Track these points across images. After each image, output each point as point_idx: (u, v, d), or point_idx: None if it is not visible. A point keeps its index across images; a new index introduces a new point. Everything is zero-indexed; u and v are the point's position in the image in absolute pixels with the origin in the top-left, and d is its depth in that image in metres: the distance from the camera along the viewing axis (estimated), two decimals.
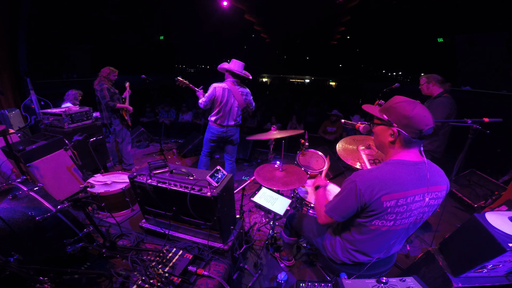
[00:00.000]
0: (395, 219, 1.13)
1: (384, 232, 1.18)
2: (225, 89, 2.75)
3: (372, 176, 1.09)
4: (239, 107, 2.85)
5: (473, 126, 1.86)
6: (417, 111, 1.04)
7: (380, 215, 1.11)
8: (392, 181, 1.06)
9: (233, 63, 2.76)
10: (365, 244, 1.26)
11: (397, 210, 1.10)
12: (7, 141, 2.05)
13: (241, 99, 2.80)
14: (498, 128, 1.96)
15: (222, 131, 2.94)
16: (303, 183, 2.00)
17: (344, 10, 9.38)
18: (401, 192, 1.07)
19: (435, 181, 1.11)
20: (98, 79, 3.37)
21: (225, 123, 2.89)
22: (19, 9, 4.71)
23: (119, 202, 2.28)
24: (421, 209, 1.13)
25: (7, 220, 1.17)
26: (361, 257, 1.32)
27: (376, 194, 1.06)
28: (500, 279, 1.40)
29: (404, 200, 1.08)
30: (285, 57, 24.66)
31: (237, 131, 3.06)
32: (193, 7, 9.51)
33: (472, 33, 6.51)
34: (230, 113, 2.85)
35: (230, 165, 3.27)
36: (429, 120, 1.03)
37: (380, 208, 1.09)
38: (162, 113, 7.06)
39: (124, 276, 1.32)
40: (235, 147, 3.19)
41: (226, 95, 2.75)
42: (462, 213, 3.01)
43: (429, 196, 1.10)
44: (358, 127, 1.64)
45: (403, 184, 1.07)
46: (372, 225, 1.17)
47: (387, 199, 1.07)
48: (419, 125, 1.03)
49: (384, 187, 1.06)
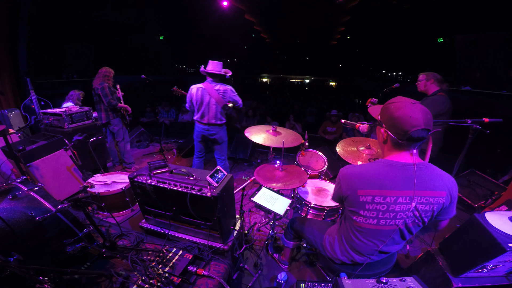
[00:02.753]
0: (377, 217, 1.14)
1: (373, 231, 1.20)
2: (199, 88, 2.86)
3: (353, 170, 1.18)
4: (217, 104, 2.90)
5: (473, 126, 1.86)
6: (402, 112, 1.02)
7: (359, 209, 1.16)
8: (370, 177, 1.11)
9: (209, 64, 2.85)
10: (359, 243, 1.27)
11: (376, 207, 1.12)
12: (7, 141, 2.06)
13: (218, 97, 2.85)
14: (498, 128, 1.96)
15: (204, 128, 3.02)
16: (303, 183, 2.00)
17: (344, 10, 9.38)
18: (377, 190, 1.09)
19: (426, 186, 1.07)
20: (98, 79, 3.37)
21: (205, 121, 2.97)
22: (19, 9, 4.71)
23: (119, 202, 2.28)
24: (409, 212, 1.10)
25: (7, 220, 1.17)
26: (357, 256, 1.32)
27: (353, 187, 1.14)
28: (500, 279, 1.41)
29: (381, 198, 1.10)
30: (285, 57, 24.67)
31: (221, 130, 3.09)
32: (193, 7, 9.51)
33: (472, 33, 6.51)
34: (209, 111, 2.92)
35: (221, 163, 3.30)
36: (415, 121, 0.99)
37: (357, 201, 1.14)
38: (162, 113, 7.07)
39: (124, 276, 1.32)
40: (223, 146, 3.21)
41: (200, 94, 2.86)
42: (462, 213, 3.00)
43: (417, 200, 1.08)
44: (358, 127, 1.64)
45: (382, 183, 1.09)
46: (357, 221, 1.20)
47: (362, 193, 1.11)
48: (404, 126, 1.02)
49: (361, 182, 1.12)
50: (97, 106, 3.46)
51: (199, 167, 3.27)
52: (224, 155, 3.28)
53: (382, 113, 1.13)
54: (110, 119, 3.50)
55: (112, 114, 3.50)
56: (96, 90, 3.34)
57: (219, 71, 2.81)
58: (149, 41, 13.02)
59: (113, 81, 3.47)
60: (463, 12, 6.51)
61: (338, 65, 22.12)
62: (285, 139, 2.21)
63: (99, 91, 3.30)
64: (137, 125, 5.40)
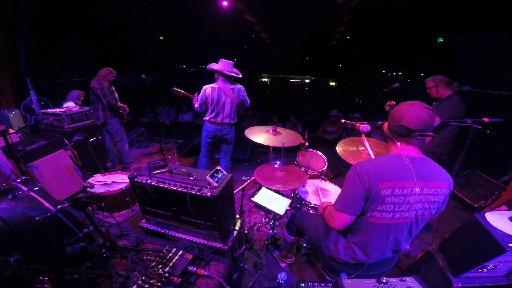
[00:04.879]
0: (393, 210, 1.15)
1: (385, 226, 1.20)
2: (214, 88, 2.82)
3: (370, 164, 1.16)
4: (233, 103, 2.89)
5: (473, 126, 1.86)
6: (401, 107, 1.14)
7: (378, 204, 1.14)
8: (388, 170, 1.12)
9: (221, 63, 2.79)
10: (366, 240, 1.27)
11: (394, 200, 1.13)
12: (7, 141, 2.06)
13: (234, 96, 2.85)
14: (498, 128, 1.96)
15: (216, 128, 2.98)
16: (303, 183, 2.00)
17: (344, 10, 9.38)
18: (397, 181, 1.10)
19: (434, 177, 1.14)
20: (97, 78, 3.37)
21: (219, 121, 2.94)
22: (19, 9, 4.71)
23: (119, 202, 2.28)
24: (421, 204, 1.15)
25: (7, 220, 1.17)
26: (361, 255, 1.32)
27: (374, 180, 1.11)
28: (500, 279, 1.40)
29: (400, 190, 1.11)
30: (285, 57, 24.67)
31: (232, 129, 3.09)
32: (193, 7, 9.51)
33: (472, 33, 6.51)
34: (224, 111, 2.90)
35: (225, 163, 3.30)
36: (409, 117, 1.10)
37: (378, 195, 1.12)
38: (162, 113, 7.06)
39: (124, 276, 1.32)
40: (230, 146, 3.21)
41: (216, 94, 2.82)
42: (462, 213, 3.01)
43: (427, 191, 1.13)
44: (358, 127, 1.64)
45: (399, 174, 1.11)
46: (372, 217, 1.19)
47: (383, 186, 1.11)
48: (401, 121, 1.12)
49: (380, 174, 1.12)
50: (94, 105, 3.45)
51: (206, 165, 3.24)
52: (229, 156, 3.29)
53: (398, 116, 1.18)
54: (107, 119, 3.50)
55: (110, 114, 3.50)
56: (95, 89, 3.34)
57: (234, 72, 2.80)
58: (149, 41, 13.01)
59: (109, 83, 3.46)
60: (463, 12, 6.50)
61: (338, 65, 22.12)
62: (285, 139, 2.21)
63: (99, 91, 3.30)
64: (137, 125, 5.40)
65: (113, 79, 3.48)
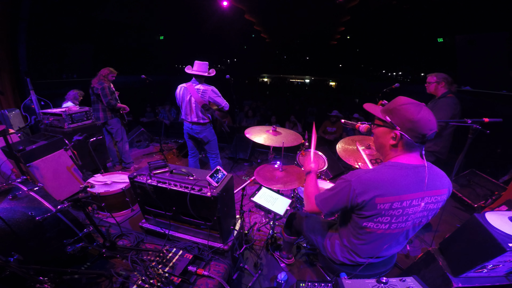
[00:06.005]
0: (390, 222, 1.12)
1: (380, 235, 1.18)
2: (182, 87, 2.96)
3: (368, 177, 1.07)
4: (197, 103, 2.93)
5: (473, 126, 1.86)
6: (422, 114, 0.99)
7: (374, 217, 1.10)
8: (387, 184, 1.04)
9: (196, 65, 2.89)
10: (360, 247, 1.26)
11: (392, 213, 1.08)
12: (7, 141, 2.06)
13: (198, 96, 2.89)
14: (498, 128, 1.96)
15: (188, 126, 3.12)
16: (303, 183, 2.00)
17: (344, 10, 9.38)
18: (396, 196, 1.05)
19: (434, 185, 1.09)
20: (97, 78, 3.37)
21: (189, 120, 3.05)
22: (19, 9, 4.71)
23: (119, 202, 2.28)
24: (420, 213, 1.11)
25: (7, 220, 1.17)
26: (358, 258, 1.32)
27: (370, 196, 1.04)
28: (500, 279, 1.40)
29: (399, 204, 1.06)
30: (285, 57, 24.65)
31: (205, 129, 3.11)
32: (193, 7, 9.51)
33: (472, 33, 6.50)
34: (190, 109, 2.98)
35: (213, 160, 3.34)
36: (433, 124, 1.00)
37: (374, 209, 1.07)
38: (162, 113, 7.06)
39: (124, 276, 1.32)
40: (211, 144, 3.24)
41: (182, 93, 2.95)
42: (462, 213, 3.01)
43: (427, 200, 1.08)
44: (358, 127, 1.64)
45: (399, 187, 1.04)
46: (367, 227, 1.15)
47: (381, 201, 1.05)
48: (423, 130, 1.00)
49: (378, 189, 1.03)
50: (95, 105, 3.46)
51: (196, 166, 3.34)
52: (215, 152, 3.32)
53: (395, 115, 1.06)
54: (107, 119, 3.50)
55: (110, 114, 3.50)
56: (96, 90, 3.34)
57: (202, 71, 2.85)
58: (149, 41, 13.00)
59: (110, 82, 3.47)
60: (463, 12, 6.50)
61: (338, 65, 22.09)
62: (285, 139, 2.21)
63: (99, 91, 3.30)
64: (137, 125, 5.40)
65: (114, 79, 3.49)
